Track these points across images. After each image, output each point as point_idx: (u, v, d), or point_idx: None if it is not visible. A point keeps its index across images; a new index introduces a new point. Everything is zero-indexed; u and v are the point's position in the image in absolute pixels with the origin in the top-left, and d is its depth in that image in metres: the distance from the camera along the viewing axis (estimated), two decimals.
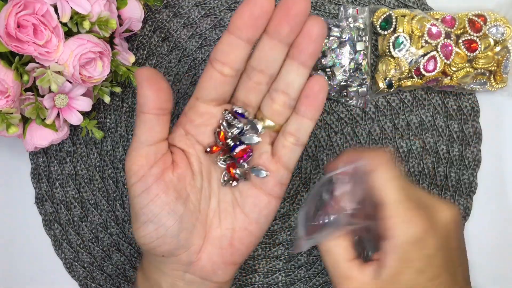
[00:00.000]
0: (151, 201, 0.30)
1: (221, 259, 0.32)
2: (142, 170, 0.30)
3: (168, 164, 0.30)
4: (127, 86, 0.46)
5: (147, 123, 0.29)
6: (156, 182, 0.30)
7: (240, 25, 0.28)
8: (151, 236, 0.30)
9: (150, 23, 0.46)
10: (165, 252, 0.31)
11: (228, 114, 0.31)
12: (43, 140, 0.40)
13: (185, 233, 0.31)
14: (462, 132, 0.45)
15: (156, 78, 0.29)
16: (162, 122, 0.30)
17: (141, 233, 0.30)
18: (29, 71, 0.37)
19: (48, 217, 0.46)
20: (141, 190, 0.30)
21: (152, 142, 0.30)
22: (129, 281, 0.45)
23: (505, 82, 0.44)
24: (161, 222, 0.30)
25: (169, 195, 0.30)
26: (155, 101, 0.29)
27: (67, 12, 0.36)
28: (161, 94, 0.29)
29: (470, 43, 0.42)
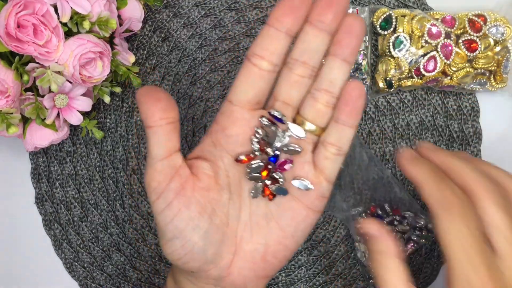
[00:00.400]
0: (175, 217, 0.29)
1: (252, 273, 0.31)
2: (161, 186, 0.29)
3: (185, 177, 0.30)
4: (127, 86, 0.46)
5: (154, 136, 0.29)
6: (176, 197, 0.29)
7: (280, 16, 0.27)
8: (179, 253, 0.29)
9: (150, 23, 0.46)
10: (194, 268, 0.30)
11: (266, 120, 0.29)
12: (43, 140, 0.40)
13: (212, 248, 0.30)
14: (462, 132, 0.45)
15: (153, 91, 0.28)
16: (169, 132, 0.29)
17: (168, 250, 0.30)
18: (29, 71, 0.37)
19: (48, 217, 0.46)
20: (163, 206, 0.29)
21: (164, 155, 0.29)
22: (129, 281, 0.45)
23: (505, 82, 0.44)
24: (187, 238, 0.29)
25: (191, 210, 0.29)
26: (156, 112, 0.28)
27: (67, 12, 0.36)
28: (160, 104, 0.28)
29: (470, 43, 0.42)
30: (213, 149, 0.30)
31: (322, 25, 0.28)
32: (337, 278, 0.45)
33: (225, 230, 0.30)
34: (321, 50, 0.29)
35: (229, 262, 0.31)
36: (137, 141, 0.46)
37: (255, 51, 0.28)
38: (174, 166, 0.29)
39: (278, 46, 0.28)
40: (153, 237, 0.45)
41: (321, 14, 0.28)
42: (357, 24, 0.28)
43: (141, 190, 0.46)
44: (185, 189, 0.29)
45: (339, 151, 0.30)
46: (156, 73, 0.46)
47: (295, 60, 0.29)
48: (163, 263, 0.45)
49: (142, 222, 0.46)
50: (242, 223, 0.31)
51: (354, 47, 0.29)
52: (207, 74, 0.46)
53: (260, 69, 0.29)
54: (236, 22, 0.46)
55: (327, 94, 0.29)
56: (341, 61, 0.29)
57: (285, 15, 0.27)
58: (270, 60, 0.28)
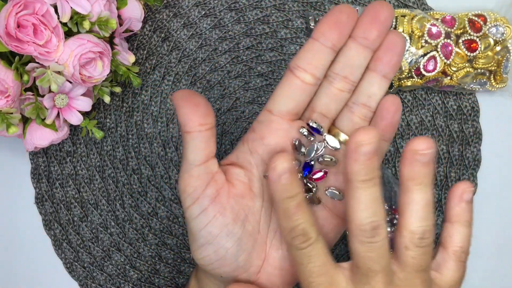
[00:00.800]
0: (209, 223, 0.29)
1: (280, 279, 0.31)
2: (197, 192, 0.29)
3: (221, 184, 0.30)
4: (127, 86, 0.46)
5: (193, 142, 0.28)
6: (212, 204, 0.29)
7: (326, 31, 0.28)
8: (211, 258, 0.29)
9: (150, 23, 0.46)
10: (224, 273, 0.30)
11: (306, 132, 0.30)
12: (43, 140, 0.40)
13: (244, 254, 0.30)
14: (462, 132, 0.45)
15: (192, 95, 0.28)
16: (207, 138, 0.29)
17: (199, 255, 0.30)
18: (29, 71, 0.37)
19: (48, 217, 0.46)
20: (198, 212, 0.29)
21: (201, 161, 0.29)
22: (129, 281, 0.45)
23: (505, 82, 0.44)
24: (220, 244, 0.29)
25: (226, 217, 0.29)
26: (195, 117, 0.28)
27: (67, 12, 0.36)
28: (200, 109, 0.28)
29: (470, 43, 0.42)
30: (249, 157, 0.30)
31: (366, 42, 0.28)
32: None
33: (256, 237, 0.30)
34: (362, 66, 0.29)
35: (259, 268, 0.31)
36: (137, 141, 0.46)
37: (298, 64, 0.29)
38: (211, 172, 0.29)
39: (322, 60, 0.28)
40: (153, 237, 0.45)
41: (366, 31, 0.28)
42: (399, 41, 0.28)
43: (141, 190, 0.46)
44: (220, 195, 0.29)
45: None
46: (156, 73, 0.46)
47: (336, 74, 0.29)
48: (163, 263, 0.45)
49: (142, 222, 0.46)
50: (272, 231, 0.31)
51: (395, 64, 0.29)
52: (207, 74, 0.46)
53: (302, 82, 0.29)
54: (236, 22, 0.46)
55: (364, 108, 0.30)
56: (381, 77, 0.29)
57: (331, 30, 0.28)
58: (313, 73, 0.29)
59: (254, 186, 0.30)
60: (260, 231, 0.31)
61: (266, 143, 0.30)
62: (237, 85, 0.46)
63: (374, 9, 0.28)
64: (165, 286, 0.46)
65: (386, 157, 0.45)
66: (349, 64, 0.29)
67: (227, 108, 0.46)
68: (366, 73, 0.30)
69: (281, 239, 0.31)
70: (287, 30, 0.45)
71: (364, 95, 0.30)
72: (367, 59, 0.29)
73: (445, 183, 0.45)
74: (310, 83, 0.29)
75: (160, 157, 0.46)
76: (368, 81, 0.29)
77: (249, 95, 0.46)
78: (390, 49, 0.28)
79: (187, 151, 0.29)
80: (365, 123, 0.30)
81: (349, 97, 0.30)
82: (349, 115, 0.30)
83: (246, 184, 0.30)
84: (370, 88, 0.29)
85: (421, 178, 0.26)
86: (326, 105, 0.30)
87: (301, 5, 0.45)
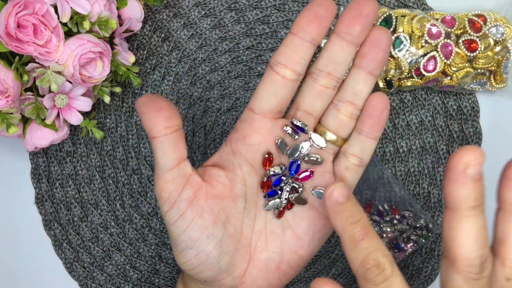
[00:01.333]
0: (188, 227, 0.28)
1: (266, 282, 0.31)
2: (173, 196, 0.28)
3: (197, 186, 0.29)
4: (127, 86, 0.46)
5: (161, 146, 0.28)
6: (190, 207, 0.28)
7: (305, 25, 0.27)
8: (192, 263, 0.29)
9: (150, 23, 0.46)
10: (207, 278, 0.30)
11: (290, 130, 0.29)
12: (43, 140, 0.40)
13: (227, 257, 0.29)
14: (462, 132, 0.45)
15: (154, 99, 0.28)
16: (175, 140, 0.28)
17: (181, 259, 0.29)
18: (29, 71, 0.37)
19: (48, 217, 0.46)
20: (176, 217, 0.28)
21: (172, 165, 0.28)
22: (129, 281, 0.45)
23: (505, 82, 0.44)
24: (200, 247, 0.29)
25: (205, 219, 0.29)
26: (160, 121, 0.27)
27: (67, 12, 0.36)
28: (163, 112, 0.28)
29: (470, 43, 0.42)
30: (232, 157, 0.30)
31: (349, 38, 0.28)
32: (337, 278, 0.45)
33: (239, 239, 0.30)
34: (347, 62, 0.29)
35: (243, 271, 0.30)
36: (137, 141, 0.46)
37: (278, 60, 0.28)
38: (185, 174, 0.29)
39: (302, 55, 0.28)
40: (153, 237, 0.45)
41: (349, 26, 0.27)
42: (384, 37, 0.28)
43: (141, 190, 0.46)
44: (198, 197, 0.29)
45: (360, 162, 0.30)
46: (156, 73, 0.46)
47: (320, 70, 0.29)
48: (163, 263, 0.45)
49: (142, 222, 0.46)
50: (256, 232, 0.31)
51: (381, 61, 0.28)
52: (207, 74, 0.46)
53: (283, 78, 0.28)
54: (236, 22, 0.46)
55: (351, 105, 0.29)
56: (367, 73, 0.29)
57: (310, 24, 0.27)
58: (293, 69, 0.28)
59: (235, 187, 0.30)
60: (243, 232, 0.30)
61: (248, 143, 0.29)
62: (237, 85, 0.46)
63: (357, 4, 0.27)
64: (165, 286, 0.46)
65: (386, 157, 0.45)
66: (333, 60, 0.28)
67: (227, 108, 0.46)
68: (351, 70, 0.29)
69: (266, 241, 0.31)
70: (287, 30, 0.45)
71: (349, 92, 0.29)
72: (352, 55, 0.28)
73: None
74: (291, 78, 0.28)
75: None
76: (353, 78, 0.29)
77: (249, 95, 0.46)
78: (375, 45, 0.28)
79: (157, 157, 0.28)
80: (351, 121, 0.30)
81: (334, 94, 0.30)
82: (335, 113, 0.30)
83: (226, 185, 0.30)
84: (356, 85, 0.29)
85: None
86: (310, 102, 0.29)
87: (301, 5, 0.45)
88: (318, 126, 0.30)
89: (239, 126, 0.30)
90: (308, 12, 0.27)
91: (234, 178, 0.30)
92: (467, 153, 0.23)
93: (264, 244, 0.31)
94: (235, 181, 0.30)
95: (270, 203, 0.30)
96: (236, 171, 0.30)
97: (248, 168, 0.30)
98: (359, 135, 0.30)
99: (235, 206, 0.30)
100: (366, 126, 0.29)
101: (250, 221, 0.31)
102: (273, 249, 0.31)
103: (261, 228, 0.31)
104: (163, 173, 0.28)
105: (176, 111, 0.28)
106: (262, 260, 0.31)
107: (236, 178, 0.30)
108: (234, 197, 0.30)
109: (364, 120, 0.29)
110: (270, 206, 0.30)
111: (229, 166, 0.30)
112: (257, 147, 0.30)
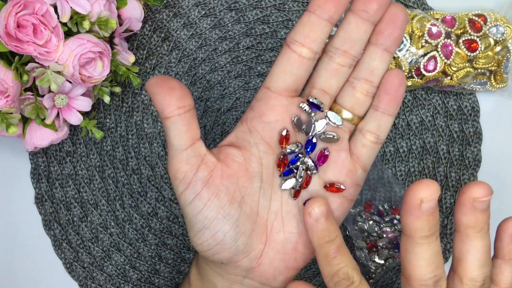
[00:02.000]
0: (205, 206, 0.28)
1: (283, 264, 0.30)
2: (188, 176, 0.28)
3: (212, 165, 0.29)
4: (127, 86, 0.46)
5: (174, 126, 0.28)
6: (205, 187, 0.28)
7: (322, 3, 0.27)
8: (209, 244, 0.29)
9: (150, 23, 0.46)
10: (224, 259, 0.29)
11: (307, 107, 0.29)
12: (43, 140, 0.40)
13: (243, 238, 0.29)
14: (462, 132, 0.45)
15: (165, 80, 0.27)
16: (188, 120, 0.28)
17: (197, 241, 0.29)
18: (29, 71, 0.37)
19: (48, 217, 0.46)
20: (192, 197, 0.28)
21: (187, 144, 0.28)
22: (129, 281, 0.45)
23: (505, 82, 0.44)
24: (217, 227, 0.28)
25: (221, 199, 0.28)
26: (172, 101, 0.27)
27: (67, 12, 0.36)
28: (176, 92, 0.27)
29: (470, 43, 0.42)
30: (248, 136, 0.30)
31: (366, 15, 0.27)
32: None
33: (255, 219, 0.30)
34: (363, 40, 0.28)
35: (260, 253, 0.30)
36: (137, 141, 0.46)
37: (295, 38, 0.28)
38: (199, 154, 0.28)
39: (319, 33, 0.28)
40: (153, 237, 0.45)
41: (366, 3, 0.27)
42: (401, 13, 0.28)
43: (140, 190, 0.46)
44: (213, 177, 0.28)
45: (377, 139, 0.30)
46: (156, 73, 0.46)
47: (335, 48, 0.29)
48: (163, 263, 0.45)
49: (142, 222, 0.46)
50: (272, 213, 0.30)
51: (397, 37, 0.28)
52: (207, 74, 0.46)
53: (300, 56, 0.28)
54: (236, 22, 0.46)
55: (366, 83, 0.29)
56: (383, 51, 0.28)
57: (327, 2, 0.27)
58: (310, 47, 0.28)
59: (251, 166, 0.30)
60: (260, 213, 0.30)
61: (265, 121, 0.29)
62: (237, 85, 0.46)
63: None
64: (165, 286, 0.46)
65: (387, 157, 0.45)
66: (349, 38, 0.28)
67: (227, 108, 0.46)
68: (367, 48, 0.29)
69: (283, 221, 0.30)
70: (287, 30, 0.45)
71: (365, 70, 0.29)
72: (368, 32, 0.28)
73: (445, 183, 0.45)
74: (308, 57, 0.28)
75: (160, 157, 0.46)
76: (369, 55, 0.29)
77: (249, 95, 0.46)
78: (392, 21, 0.28)
79: (170, 137, 0.28)
80: (367, 99, 0.30)
81: (350, 72, 0.29)
82: (350, 91, 0.29)
83: (241, 164, 0.29)
84: (372, 62, 0.29)
85: (481, 225, 0.25)
86: (326, 81, 0.29)
87: (301, 5, 0.45)
88: (334, 105, 0.30)
89: (254, 104, 0.30)
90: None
91: (249, 157, 0.30)
92: (423, 188, 0.24)
93: (280, 225, 0.30)
94: (251, 160, 0.30)
95: (286, 182, 0.30)
96: (252, 150, 0.30)
97: (264, 146, 0.30)
98: (376, 112, 0.30)
99: (250, 186, 0.30)
100: (383, 103, 0.29)
101: (266, 202, 0.30)
102: (289, 230, 0.30)
103: (277, 209, 0.30)
104: (177, 153, 0.28)
105: (188, 91, 0.28)
106: (279, 241, 0.30)
107: (252, 157, 0.30)
108: (250, 177, 0.30)
109: (381, 96, 0.29)
110: (286, 185, 0.30)
111: (245, 145, 0.30)
112: (274, 125, 0.29)
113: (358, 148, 0.30)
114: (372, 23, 0.28)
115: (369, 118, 0.30)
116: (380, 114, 0.30)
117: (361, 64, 0.29)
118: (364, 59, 0.29)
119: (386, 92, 0.29)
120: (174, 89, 0.27)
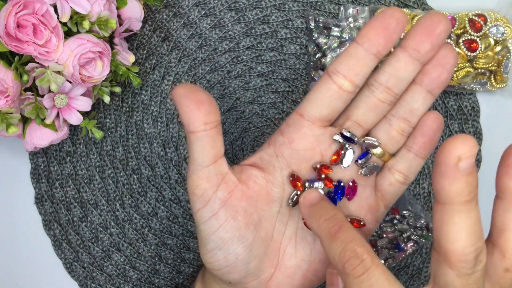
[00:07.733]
0: (220, 227, 0.27)
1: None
2: (207, 194, 0.27)
3: (233, 185, 0.28)
4: (127, 86, 0.46)
5: (198, 142, 0.27)
6: (224, 207, 0.27)
7: (372, 36, 0.26)
8: (220, 264, 0.28)
9: (150, 23, 0.46)
10: (233, 280, 0.29)
11: (340, 139, 0.28)
12: (42, 140, 0.40)
13: (255, 261, 0.28)
14: (462, 132, 0.45)
15: (194, 91, 0.26)
16: (213, 137, 0.27)
17: (209, 259, 0.28)
18: (29, 71, 0.37)
19: (47, 217, 0.46)
20: (208, 215, 0.27)
21: (209, 162, 0.27)
22: (129, 281, 0.45)
23: (505, 82, 0.44)
24: (231, 249, 0.28)
25: (238, 221, 0.28)
26: (199, 116, 0.26)
27: (67, 12, 0.36)
28: (203, 107, 0.26)
29: (471, 43, 0.42)
30: (273, 160, 0.29)
31: (416, 55, 0.26)
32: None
33: (269, 243, 0.29)
34: (409, 79, 0.27)
35: (270, 276, 0.29)
36: (137, 141, 0.46)
37: (338, 69, 0.27)
38: (221, 173, 0.28)
39: (364, 67, 0.27)
40: (153, 237, 0.45)
41: (419, 43, 0.26)
42: (451, 56, 0.27)
43: (140, 190, 0.46)
44: (232, 197, 0.28)
45: (405, 180, 0.29)
46: (156, 73, 0.46)
47: (379, 83, 0.28)
48: (163, 263, 0.45)
49: (142, 222, 0.45)
50: (287, 238, 0.30)
51: (444, 81, 0.27)
52: (207, 74, 0.46)
53: (340, 89, 0.27)
54: (236, 22, 0.46)
55: (404, 122, 0.28)
56: (426, 92, 0.27)
57: (378, 35, 0.26)
58: (352, 80, 0.27)
59: (272, 190, 0.29)
60: (274, 237, 0.29)
61: (294, 148, 0.28)
62: (237, 85, 0.46)
63: (431, 20, 0.25)
64: (165, 286, 0.46)
65: None
66: (395, 75, 0.27)
67: (227, 108, 0.46)
68: (410, 86, 0.28)
69: (296, 247, 0.30)
70: (287, 30, 0.45)
71: (405, 109, 0.28)
72: (415, 72, 0.27)
73: None
74: (348, 90, 0.27)
75: (160, 157, 0.46)
76: (412, 95, 0.28)
77: (249, 95, 0.46)
78: (441, 64, 0.27)
79: (194, 152, 0.27)
80: (402, 138, 0.29)
81: (389, 109, 0.28)
82: (387, 128, 0.29)
83: (262, 186, 0.29)
84: (414, 103, 0.28)
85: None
86: (363, 114, 0.28)
87: (301, 5, 0.45)
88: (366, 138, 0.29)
89: (285, 129, 0.29)
90: (378, 22, 0.26)
91: (272, 181, 0.29)
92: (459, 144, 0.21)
93: (293, 251, 0.30)
94: (274, 184, 0.29)
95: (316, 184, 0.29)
96: (276, 174, 0.29)
97: (289, 173, 0.29)
98: (409, 153, 0.29)
99: (269, 210, 0.29)
100: (417, 145, 0.28)
101: (282, 226, 0.30)
102: (302, 257, 0.30)
103: (292, 234, 0.30)
104: (199, 169, 0.27)
105: (216, 105, 0.27)
106: (290, 266, 0.30)
107: (275, 181, 0.29)
108: (270, 201, 0.29)
109: (416, 138, 0.28)
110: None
111: (269, 168, 0.29)
112: (303, 153, 0.29)
113: (385, 186, 0.29)
114: (422, 63, 0.27)
115: (401, 158, 0.29)
116: (413, 156, 0.29)
117: (402, 102, 0.28)
118: (406, 98, 0.28)
119: (423, 135, 0.28)
120: (203, 103, 0.26)
